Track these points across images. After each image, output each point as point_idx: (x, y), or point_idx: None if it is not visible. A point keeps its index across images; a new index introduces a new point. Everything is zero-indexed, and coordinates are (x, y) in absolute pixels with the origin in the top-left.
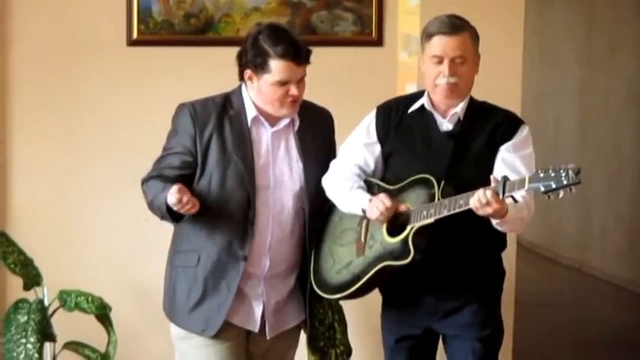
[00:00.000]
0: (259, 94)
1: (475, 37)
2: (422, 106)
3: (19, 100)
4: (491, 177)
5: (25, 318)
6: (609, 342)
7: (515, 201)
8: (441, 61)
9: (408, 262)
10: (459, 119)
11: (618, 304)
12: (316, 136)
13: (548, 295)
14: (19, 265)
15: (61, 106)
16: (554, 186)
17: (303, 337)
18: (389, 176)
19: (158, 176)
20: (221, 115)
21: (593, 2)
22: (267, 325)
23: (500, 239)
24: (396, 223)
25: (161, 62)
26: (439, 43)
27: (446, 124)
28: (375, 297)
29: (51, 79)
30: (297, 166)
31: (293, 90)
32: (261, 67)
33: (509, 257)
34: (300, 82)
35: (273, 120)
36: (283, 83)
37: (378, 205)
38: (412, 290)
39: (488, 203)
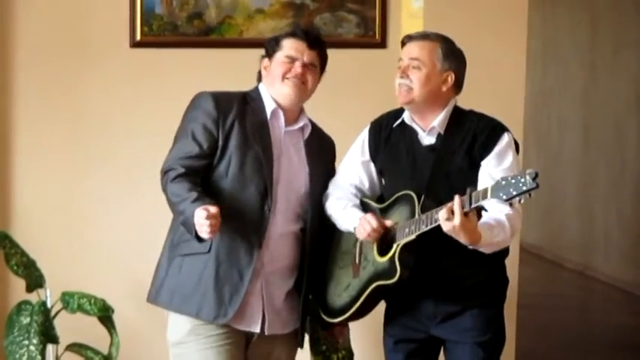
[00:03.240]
0: (268, 77)
1: (445, 51)
2: (403, 121)
3: (23, 102)
4: (455, 196)
5: (28, 320)
6: (612, 344)
7: (485, 210)
8: (400, 66)
9: (395, 280)
10: (440, 133)
11: (622, 306)
12: (322, 155)
13: (551, 298)
14: (22, 266)
15: (64, 108)
16: (514, 193)
17: (305, 340)
18: (385, 193)
19: (185, 175)
20: (242, 105)
21: (596, 4)
22: (266, 322)
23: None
24: (386, 240)
25: (164, 64)
26: (402, 51)
27: (427, 138)
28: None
29: (54, 80)
30: (304, 171)
31: (297, 67)
32: (274, 49)
33: (511, 259)
34: (309, 69)
35: (289, 118)
36: (291, 60)
37: (365, 226)
38: (412, 294)
39: (449, 218)
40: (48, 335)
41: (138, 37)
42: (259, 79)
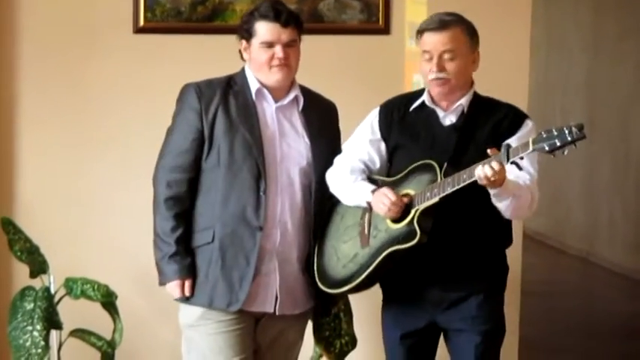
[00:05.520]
0: (252, 62)
1: (469, 32)
2: (423, 103)
3: (25, 88)
4: (488, 151)
5: (32, 305)
6: (616, 331)
7: (520, 168)
8: (431, 58)
9: (414, 243)
10: (463, 112)
11: (625, 293)
12: (322, 120)
13: (555, 285)
14: (26, 252)
15: (67, 95)
16: (558, 144)
17: (308, 326)
18: (394, 172)
19: (173, 201)
20: (225, 91)
21: None
22: (278, 301)
23: (506, 233)
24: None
25: (168, 50)
26: (428, 40)
27: (449, 118)
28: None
29: (57, 67)
30: (304, 142)
31: (278, 52)
32: (248, 32)
33: (515, 246)
34: (290, 47)
35: (276, 95)
36: (268, 45)
37: (383, 201)
38: (417, 281)
39: (494, 174)
40: (51, 321)
41: (141, 22)
42: (242, 58)
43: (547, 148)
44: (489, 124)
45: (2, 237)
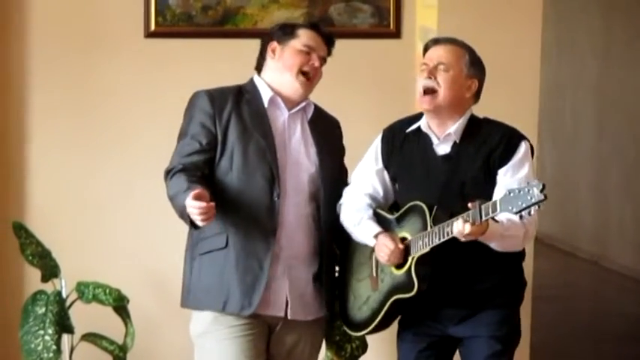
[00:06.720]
0: (279, 63)
1: (471, 59)
2: (419, 128)
3: (36, 92)
4: (469, 204)
5: (43, 310)
6: (627, 334)
7: (496, 222)
8: (426, 69)
9: (414, 293)
10: (455, 142)
11: (636, 296)
12: (328, 133)
13: (566, 288)
14: (37, 256)
15: (78, 99)
16: (523, 206)
17: None
18: (399, 199)
19: (183, 170)
20: (237, 98)
21: None
22: (289, 306)
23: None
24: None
25: (179, 54)
26: (429, 53)
27: (442, 147)
28: None
29: (68, 71)
30: (312, 150)
31: (315, 60)
32: (289, 34)
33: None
34: (321, 64)
35: (289, 103)
36: (308, 51)
37: (383, 250)
38: (428, 301)
39: (469, 234)
40: (63, 325)
41: (152, 27)
42: (258, 67)
43: (514, 211)
44: (481, 155)
45: (14, 241)
